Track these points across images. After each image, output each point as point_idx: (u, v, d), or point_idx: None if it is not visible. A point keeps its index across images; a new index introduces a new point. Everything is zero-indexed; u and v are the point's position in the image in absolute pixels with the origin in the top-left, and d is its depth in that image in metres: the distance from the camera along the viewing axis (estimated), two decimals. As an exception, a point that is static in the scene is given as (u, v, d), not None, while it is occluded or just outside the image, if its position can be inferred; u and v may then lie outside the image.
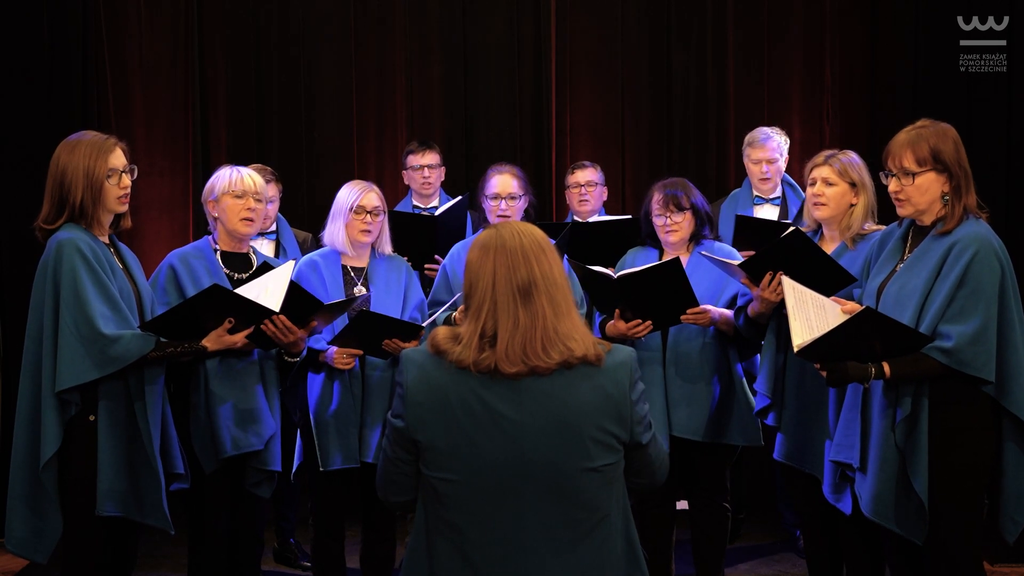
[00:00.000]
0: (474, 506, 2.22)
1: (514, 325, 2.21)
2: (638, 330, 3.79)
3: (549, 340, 2.21)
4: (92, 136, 3.26)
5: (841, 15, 5.78)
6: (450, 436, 2.23)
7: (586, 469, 2.22)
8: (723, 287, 3.94)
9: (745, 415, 3.92)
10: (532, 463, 2.21)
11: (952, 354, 2.91)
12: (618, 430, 2.26)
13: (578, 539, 2.24)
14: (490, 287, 2.23)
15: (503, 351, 2.20)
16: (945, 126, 3.07)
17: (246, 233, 3.69)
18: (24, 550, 3.20)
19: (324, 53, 5.86)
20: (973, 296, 2.92)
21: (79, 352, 3.10)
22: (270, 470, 3.66)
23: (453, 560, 2.24)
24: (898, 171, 3.05)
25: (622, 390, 2.26)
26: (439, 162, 5.16)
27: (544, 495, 2.22)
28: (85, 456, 3.15)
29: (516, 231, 2.27)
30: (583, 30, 5.89)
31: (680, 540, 4.27)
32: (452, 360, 2.23)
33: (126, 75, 5.69)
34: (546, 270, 2.24)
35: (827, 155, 3.66)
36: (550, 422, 2.21)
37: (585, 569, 2.24)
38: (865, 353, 2.99)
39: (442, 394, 2.23)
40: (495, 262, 2.24)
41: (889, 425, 3.03)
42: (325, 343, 3.83)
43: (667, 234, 3.97)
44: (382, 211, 3.97)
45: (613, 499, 2.28)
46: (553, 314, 2.23)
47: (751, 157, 4.96)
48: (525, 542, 2.22)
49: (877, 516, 3.05)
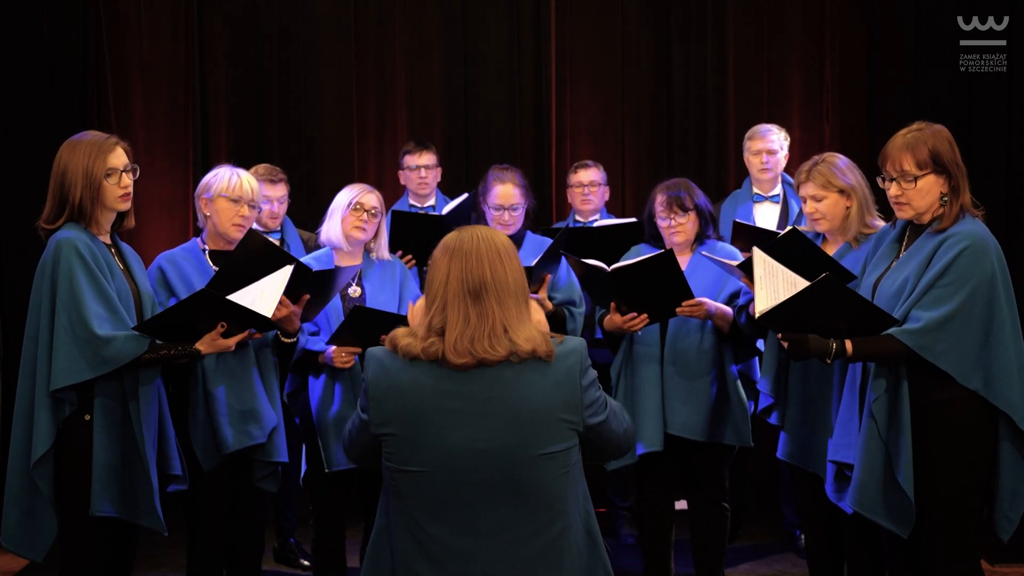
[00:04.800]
0: (431, 498, 2.31)
1: (464, 322, 2.31)
2: (634, 323, 3.79)
3: (496, 336, 2.31)
4: (93, 136, 3.26)
5: (841, 15, 5.78)
6: (407, 430, 2.32)
7: (539, 456, 2.29)
8: (722, 287, 3.95)
9: (738, 415, 3.93)
10: (485, 453, 2.28)
11: (914, 336, 2.94)
12: (569, 416, 2.34)
13: (535, 532, 2.30)
14: (443, 286, 2.34)
15: (452, 344, 2.30)
16: (939, 127, 3.09)
17: (236, 238, 3.67)
18: (20, 548, 3.21)
19: (324, 53, 5.86)
20: (952, 286, 2.94)
21: (73, 352, 3.10)
22: (276, 462, 3.66)
23: (412, 552, 2.32)
24: (898, 175, 3.05)
25: (572, 378, 2.34)
26: (435, 162, 5.16)
27: (499, 486, 2.29)
28: (80, 455, 3.15)
29: (477, 235, 2.38)
30: (583, 30, 5.89)
31: (680, 540, 4.27)
32: (403, 352, 2.34)
33: (126, 75, 5.69)
34: (499, 275, 2.34)
35: (807, 169, 3.59)
36: (501, 410, 2.29)
37: (543, 561, 2.30)
38: (830, 330, 3.01)
39: (398, 388, 2.33)
40: (451, 264, 2.35)
41: (872, 416, 3.04)
42: (323, 343, 3.83)
43: (672, 235, 3.98)
44: (380, 213, 3.97)
45: (570, 490, 2.34)
46: (502, 315, 2.32)
47: (751, 149, 4.96)
48: (482, 534, 2.29)
49: (862, 508, 3.06)
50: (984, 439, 3.01)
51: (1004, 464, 3.03)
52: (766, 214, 4.95)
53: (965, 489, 3.01)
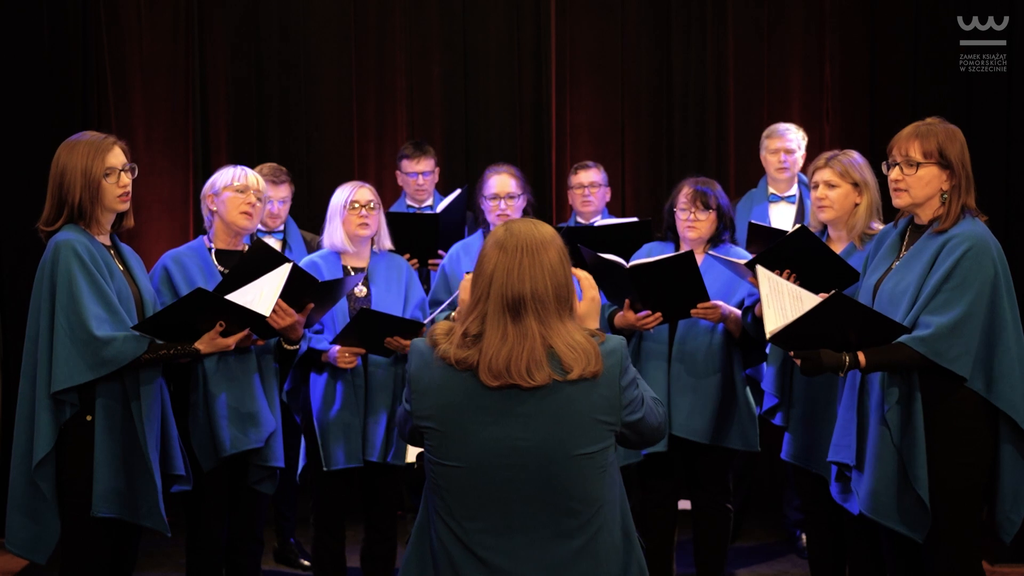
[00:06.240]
0: (468, 494, 2.28)
1: (501, 339, 2.26)
2: (647, 321, 3.79)
3: (535, 361, 2.25)
4: (90, 136, 3.26)
5: (841, 15, 5.77)
6: (445, 424, 2.30)
7: (577, 456, 2.27)
8: (734, 289, 3.94)
9: (745, 420, 3.92)
10: (522, 451, 2.26)
11: (927, 343, 2.92)
12: (608, 417, 2.30)
13: (573, 530, 2.27)
14: (486, 291, 2.29)
15: (486, 363, 2.25)
16: (955, 128, 3.10)
17: (244, 227, 3.68)
18: (23, 551, 3.21)
19: (324, 53, 5.85)
20: (958, 290, 2.94)
21: (73, 354, 3.11)
22: (272, 466, 3.66)
23: (452, 546, 2.29)
24: (902, 160, 3.06)
25: (612, 379, 2.30)
26: (433, 166, 5.11)
27: (536, 484, 2.26)
28: (82, 457, 3.15)
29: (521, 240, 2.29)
30: (583, 30, 5.88)
31: (681, 540, 4.27)
32: (440, 354, 2.30)
33: (126, 75, 5.68)
34: (539, 287, 2.27)
35: (828, 157, 3.66)
36: (540, 411, 2.26)
37: (580, 560, 2.27)
38: (840, 343, 3.00)
39: (437, 385, 2.30)
40: (495, 267, 2.28)
41: (884, 422, 3.03)
42: (327, 343, 3.83)
43: (688, 229, 3.96)
44: (376, 204, 3.98)
45: (607, 490, 2.31)
46: (543, 331, 2.26)
47: (769, 148, 4.95)
48: (519, 531, 2.27)
49: (876, 514, 3.05)
50: (985, 440, 3.01)
51: (1005, 465, 3.03)
52: (782, 214, 4.93)
53: (966, 490, 3.01)
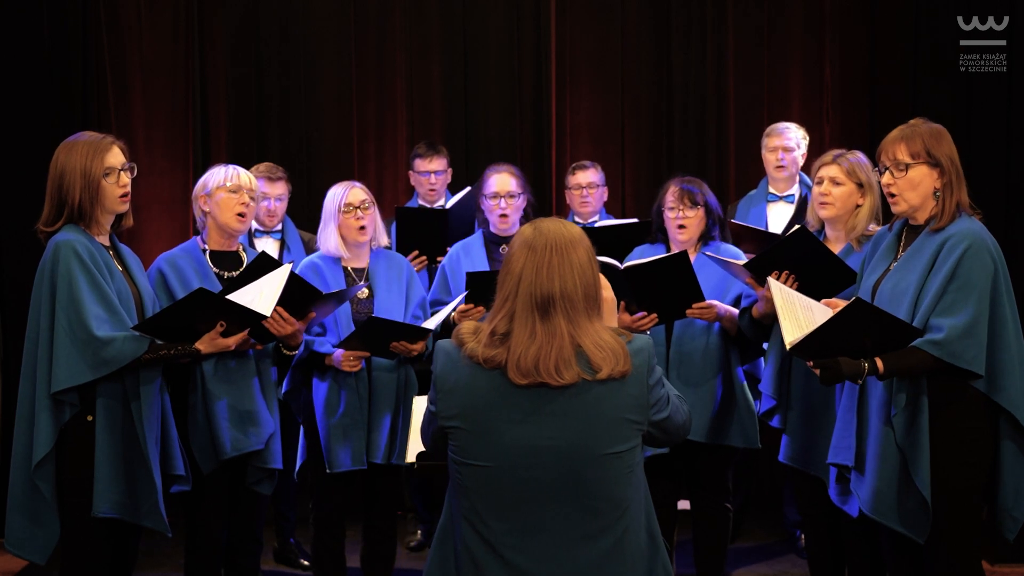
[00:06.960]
0: (495, 494, 2.28)
1: (530, 337, 2.26)
2: (643, 323, 3.79)
3: (564, 360, 2.25)
4: (89, 136, 3.26)
5: (841, 15, 5.77)
6: (471, 423, 2.29)
7: (605, 455, 2.26)
8: (727, 288, 3.94)
9: (745, 417, 3.92)
10: (550, 450, 2.25)
11: (943, 346, 2.92)
12: (636, 416, 2.30)
13: (600, 531, 2.27)
14: (514, 290, 2.29)
15: (515, 362, 2.25)
16: (939, 126, 3.11)
17: (237, 229, 3.67)
18: (23, 551, 3.21)
19: (324, 53, 5.86)
20: (964, 290, 2.94)
21: (73, 354, 3.10)
22: (271, 468, 3.67)
23: (476, 547, 2.29)
24: (891, 164, 3.08)
25: (640, 379, 2.30)
26: (445, 166, 5.10)
27: (564, 484, 2.25)
28: (82, 456, 3.15)
29: (550, 239, 2.30)
30: (583, 30, 5.88)
31: (681, 540, 4.27)
32: (467, 353, 2.29)
33: (126, 75, 5.68)
34: (569, 287, 2.27)
35: (835, 154, 3.65)
36: (568, 410, 2.25)
37: (607, 561, 2.27)
38: (856, 349, 2.99)
39: (464, 385, 2.30)
40: (524, 266, 2.28)
41: (888, 423, 3.03)
42: (330, 346, 3.83)
43: (677, 229, 3.96)
44: (371, 203, 3.96)
45: (633, 491, 2.31)
46: (572, 331, 2.26)
47: (768, 146, 4.94)
48: (545, 532, 2.26)
49: (878, 515, 3.05)
50: (987, 440, 3.01)
51: (1006, 463, 3.03)
52: (779, 214, 4.91)
53: (967, 489, 3.01)
